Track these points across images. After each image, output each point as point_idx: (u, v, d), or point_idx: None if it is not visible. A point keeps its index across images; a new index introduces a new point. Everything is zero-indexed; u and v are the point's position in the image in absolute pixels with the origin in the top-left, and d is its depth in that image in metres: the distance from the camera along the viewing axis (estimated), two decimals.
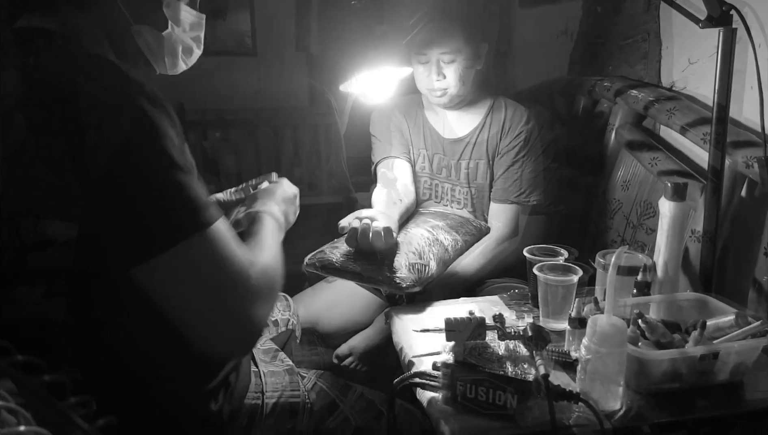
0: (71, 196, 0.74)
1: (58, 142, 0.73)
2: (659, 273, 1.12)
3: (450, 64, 1.51)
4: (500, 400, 0.83)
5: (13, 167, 0.75)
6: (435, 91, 1.55)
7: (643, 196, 1.62)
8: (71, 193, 0.74)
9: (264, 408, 0.98)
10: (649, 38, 1.73)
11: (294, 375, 1.07)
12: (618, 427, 0.84)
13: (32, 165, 0.76)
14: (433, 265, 1.27)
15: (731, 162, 1.26)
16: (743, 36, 1.06)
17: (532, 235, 1.55)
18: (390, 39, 1.35)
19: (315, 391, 1.05)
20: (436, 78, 1.52)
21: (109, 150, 0.71)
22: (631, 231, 1.64)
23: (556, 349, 0.99)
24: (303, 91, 3.38)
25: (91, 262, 0.76)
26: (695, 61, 1.55)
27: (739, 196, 1.32)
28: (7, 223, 0.78)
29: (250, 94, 3.27)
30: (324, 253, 1.26)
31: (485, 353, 0.95)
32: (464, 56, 1.51)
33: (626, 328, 0.89)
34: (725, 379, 0.94)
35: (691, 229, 1.36)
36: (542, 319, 1.14)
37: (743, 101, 1.35)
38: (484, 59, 1.59)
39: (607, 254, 1.13)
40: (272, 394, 1.00)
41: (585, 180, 1.88)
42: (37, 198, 0.77)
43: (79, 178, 0.72)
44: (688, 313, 1.07)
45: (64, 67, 0.77)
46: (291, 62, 3.30)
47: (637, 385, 0.92)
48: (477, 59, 1.56)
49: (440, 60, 1.51)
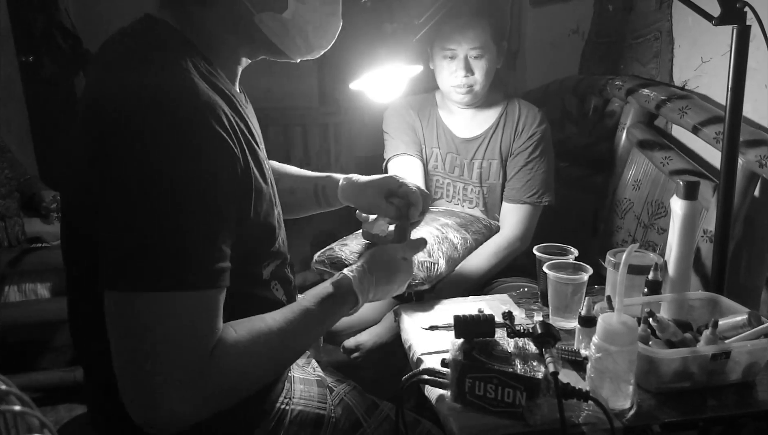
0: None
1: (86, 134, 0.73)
2: (671, 272, 1.11)
3: (478, 59, 1.51)
4: (509, 398, 0.83)
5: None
6: (460, 88, 1.55)
7: (654, 196, 1.61)
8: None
9: (290, 413, 0.94)
10: (661, 37, 1.72)
11: (324, 388, 1.03)
12: (628, 426, 0.84)
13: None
14: (443, 263, 1.27)
15: (744, 161, 1.25)
16: (757, 33, 1.05)
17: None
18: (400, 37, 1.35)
19: (342, 406, 1.01)
20: (464, 73, 1.52)
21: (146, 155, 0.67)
22: (642, 230, 1.63)
23: (565, 348, 0.99)
24: (313, 91, 3.39)
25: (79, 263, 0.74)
26: (708, 60, 1.54)
27: (752, 195, 1.31)
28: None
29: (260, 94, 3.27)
30: (333, 250, 1.26)
31: (494, 351, 0.94)
32: (491, 53, 1.53)
33: (637, 326, 0.88)
34: (737, 379, 0.93)
35: (702, 228, 1.35)
36: (552, 318, 1.14)
37: (756, 100, 1.34)
38: (503, 58, 1.59)
39: (617, 253, 1.13)
40: (299, 401, 0.97)
41: (596, 179, 1.87)
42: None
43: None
44: (699, 313, 1.06)
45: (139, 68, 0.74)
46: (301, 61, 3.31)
47: (647, 384, 0.91)
48: (500, 57, 1.57)
49: (468, 55, 1.51)
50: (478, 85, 1.54)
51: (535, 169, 1.57)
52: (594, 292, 1.19)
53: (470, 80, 1.53)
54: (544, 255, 1.20)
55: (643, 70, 1.81)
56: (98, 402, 0.88)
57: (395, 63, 1.29)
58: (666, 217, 1.54)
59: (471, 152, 1.63)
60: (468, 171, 1.64)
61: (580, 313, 0.98)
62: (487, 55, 1.51)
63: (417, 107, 1.69)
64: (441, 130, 1.66)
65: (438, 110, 1.68)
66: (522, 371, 0.83)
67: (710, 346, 0.90)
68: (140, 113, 0.68)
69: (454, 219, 1.47)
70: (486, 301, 1.26)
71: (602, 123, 1.91)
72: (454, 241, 1.36)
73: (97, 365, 0.81)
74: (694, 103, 1.47)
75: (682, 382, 0.91)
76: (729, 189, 1.14)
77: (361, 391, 1.08)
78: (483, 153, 1.62)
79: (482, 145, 1.62)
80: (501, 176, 1.61)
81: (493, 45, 1.53)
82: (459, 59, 1.52)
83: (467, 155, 1.63)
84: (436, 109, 1.68)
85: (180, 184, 0.68)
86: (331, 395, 1.02)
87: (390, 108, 1.71)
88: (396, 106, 1.70)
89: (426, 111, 1.68)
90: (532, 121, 1.59)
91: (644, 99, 1.64)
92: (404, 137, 1.66)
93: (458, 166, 1.65)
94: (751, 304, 1.10)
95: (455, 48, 1.51)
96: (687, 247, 1.10)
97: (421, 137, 1.67)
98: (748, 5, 1.06)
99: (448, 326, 1.01)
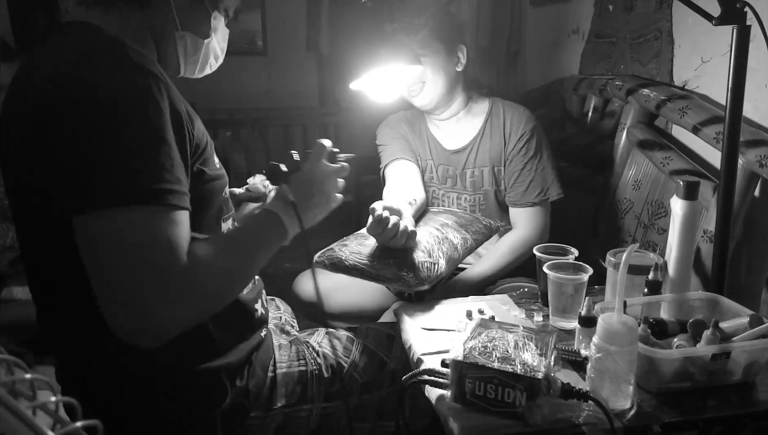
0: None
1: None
2: (671, 272, 1.11)
3: (423, 59, 1.50)
4: (509, 398, 0.83)
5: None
6: (412, 90, 1.55)
7: (654, 196, 1.61)
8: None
9: (278, 378, 1.04)
10: (661, 36, 1.72)
11: (300, 344, 1.13)
12: (628, 426, 0.84)
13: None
14: (443, 263, 1.27)
15: (744, 161, 1.25)
16: (757, 33, 1.05)
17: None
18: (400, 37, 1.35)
19: (321, 356, 1.11)
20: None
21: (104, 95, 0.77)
22: (642, 231, 1.63)
23: (565, 348, 0.99)
24: (313, 91, 3.40)
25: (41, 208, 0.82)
26: (708, 60, 1.54)
27: (752, 195, 1.31)
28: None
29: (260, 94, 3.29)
30: (333, 250, 1.26)
31: (494, 351, 0.94)
32: (438, 55, 1.52)
33: (637, 326, 0.88)
34: (738, 379, 0.93)
35: (703, 228, 1.35)
36: (552, 318, 1.14)
37: (756, 100, 1.34)
38: (463, 61, 1.58)
39: (617, 253, 1.13)
40: (281, 365, 1.06)
41: (596, 179, 1.87)
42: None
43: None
44: (699, 313, 1.06)
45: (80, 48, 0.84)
46: (301, 62, 3.32)
47: (647, 384, 0.91)
48: (453, 60, 1.56)
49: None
50: (426, 88, 1.54)
51: (534, 168, 1.57)
52: (594, 292, 1.18)
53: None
54: (544, 255, 1.20)
55: (643, 70, 1.81)
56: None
57: (395, 63, 1.29)
58: (666, 217, 1.54)
59: (461, 163, 1.64)
60: (461, 181, 1.65)
61: (580, 313, 0.98)
62: (431, 57, 1.51)
63: (408, 122, 1.71)
64: (431, 142, 1.68)
65: (427, 123, 1.69)
66: (522, 371, 0.83)
67: (710, 346, 0.90)
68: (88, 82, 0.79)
69: (454, 219, 1.47)
70: (486, 301, 1.26)
71: (602, 123, 1.91)
72: (454, 241, 1.36)
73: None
74: (694, 103, 1.47)
75: (683, 382, 0.91)
76: (729, 189, 1.14)
77: (333, 334, 1.17)
78: (473, 162, 1.63)
79: (471, 154, 1.62)
80: (494, 183, 1.62)
81: (440, 45, 1.52)
82: None
83: (458, 166, 1.64)
84: (425, 122, 1.70)
85: (121, 117, 0.78)
86: (309, 350, 1.12)
87: (382, 124, 1.73)
88: (388, 121, 1.73)
89: (416, 125, 1.70)
90: (519, 122, 1.59)
91: (644, 99, 1.64)
92: (399, 145, 1.67)
93: (450, 177, 1.66)
94: (751, 304, 1.10)
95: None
96: (687, 247, 1.10)
97: (415, 149, 1.68)
98: (748, 5, 1.06)
99: (449, 329, 1.01)
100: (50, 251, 0.87)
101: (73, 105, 0.77)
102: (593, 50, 2.10)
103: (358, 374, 1.12)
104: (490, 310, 1.19)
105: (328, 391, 1.08)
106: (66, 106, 0.78)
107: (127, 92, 0.79)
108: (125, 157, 0.77)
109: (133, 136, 0.78)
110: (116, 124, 0.77)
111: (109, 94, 0.78)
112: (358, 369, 1.12)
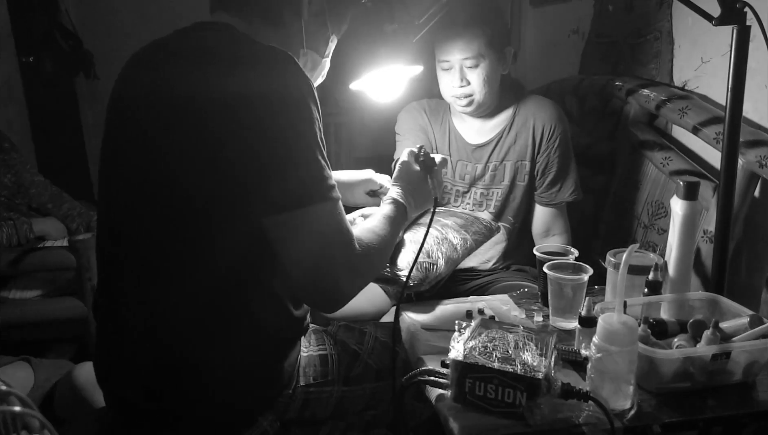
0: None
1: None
2: (671, 272, 1.11)
3: (473, 69, 1.50)
4: (509, 398, 0.83)
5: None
6: (459, 99, 1.54)
7: (654, 196, 1.61)
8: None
9: (301, 362, 1.12)
10: (661, 37, 1.72)
11: (319, 333, 1.19)
12: (628, 427, 0.84)
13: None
14: (442, 263, 1.27)
15: (744, 161, 1.25)
16: (757, 33, 1.05)
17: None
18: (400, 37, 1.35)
19: (338, 344, 1.17)
20: (460, 84, 1.51)
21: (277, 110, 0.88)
22: (642, 231, 1.64)
23: (565, 348, 0.99)
24: None
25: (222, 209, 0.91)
26: (708, 60, 1.54)
27: (752, 195, 1.31)
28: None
29: None
30: None
31: (494, 351, 0.94)
32: (489, 60, 1.50)
33: (637, 326, 0.88)
34: (738, 380, 0.93)
35: (703, 229, 1.35)
36: (552, 318, 1.14)
37: (756, 100, 1.34)
38: (509, 63, 1.58)
39: (617, 253, 1.13)
40: (304, 350, 1.14)
41: (596, 180, 1.87)
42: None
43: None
44: (699, 313, 1.06)
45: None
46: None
47: (648, 385, 0.91)
48: (502, 63, 1.55)
49: (463, 65, 1.50)
50: (477, 95, 1.52)
51: (570, 167, 1.59)
52: (594, 292, 1.18)
53: (467, 90, 1.52)
54: (544, 255, 1.20)
55: (643, 71, 1.81)
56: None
57: (395, 63, 1.29)
58: (666, 217, 1.54)
59: (484, 157, 1.62)
60: (481, 175, 1.63)
61: (580, 313, 0.98)
62: (483, 63, 1.49)
63: (430, 111, 1.68)
64: (453, 136, 1.65)
65: (451, 116, 1.67)
66: (522, 371, 0.83)
67: (710, 346, 0.90)
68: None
69: (454, 219, 1.47)
70: (486, 301, 1.26)
71: (602, 123, 1.91)
72: (453, 241, 1.36)
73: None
74: (694, 103, 1.47)
75: (683, 382, 0.91)
76: (729, 189, 1.14)
77: (347, 326, 1.24)
78: (497, 156, 1.61)
79: (496, 148, 1.61)
80: (513, 178, 1.60)
81: (491, 52, 1.50)
82: (455, 70, 1.51)
83: (480, 160, 1.62)
84: (449, 115, 1.67)
85: (306, 136, 0.90)
86: (327, 337, 1.18)
87: (404, 110, 1.71)
88: (410, 108, 1.70)
89: (439, 116, 1.67)
90: (551, 122, 1.57)
91: (644, 99, 1.64)
92: (415, 138, 1.65)
93: (469, 174, 1.64)
94: (751, 304, 1.10)
95: (449, 59, 1.51)
96: (687, 247, 1.10)
97: (432, 141, 1.66)
98: (748, 5, 1.06)
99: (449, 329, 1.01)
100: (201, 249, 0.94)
101: (260, 111, 0.87)
102: (593, 50, 2.10)
103: (372, 361, 1.15)
104: (490, 310, 1.19)
105: (348, 374, 1.12)
106: (256, 112, 0.87)
107: (305, 98, 0.90)
108: (308, 162, 0.89)
109: (309, 140, 0.90)
110: (300, 132, 0.89)
111: (294, 99, 0.89)
112: (373, 356, 1.16)
